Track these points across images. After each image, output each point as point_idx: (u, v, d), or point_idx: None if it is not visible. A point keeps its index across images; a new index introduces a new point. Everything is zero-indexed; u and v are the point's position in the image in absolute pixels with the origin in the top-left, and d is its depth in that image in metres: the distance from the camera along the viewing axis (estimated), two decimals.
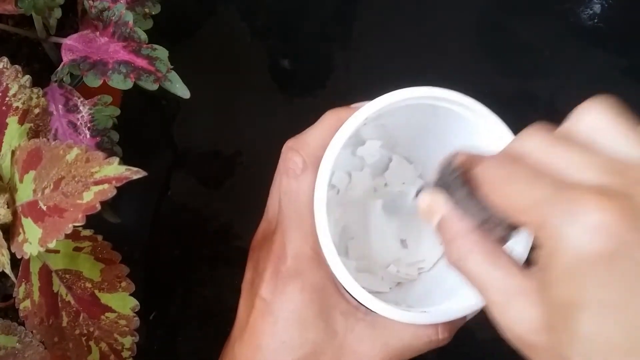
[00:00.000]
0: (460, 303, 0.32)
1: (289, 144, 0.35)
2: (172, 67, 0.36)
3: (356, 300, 0.32)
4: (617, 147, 0.23)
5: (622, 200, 0.21)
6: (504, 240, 0.25)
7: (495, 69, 0.54)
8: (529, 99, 0.53)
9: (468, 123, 0.34)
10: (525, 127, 0.25)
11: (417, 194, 0.28)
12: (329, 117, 0.34)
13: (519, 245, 0.31)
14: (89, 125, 0.38)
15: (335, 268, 0.32)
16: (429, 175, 0.41)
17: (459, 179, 0.25)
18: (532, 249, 0.23)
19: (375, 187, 0.41)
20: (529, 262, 0.23)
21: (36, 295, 0.34)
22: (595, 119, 0.24)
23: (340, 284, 0.32)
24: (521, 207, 0.23)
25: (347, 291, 0.32)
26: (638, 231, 0.20)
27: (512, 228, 0.25)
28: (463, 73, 0.52)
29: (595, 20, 0.54)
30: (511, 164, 0.24)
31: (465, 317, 0.33)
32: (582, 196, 0.21)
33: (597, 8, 0.54)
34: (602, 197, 0.21)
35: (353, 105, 0.35)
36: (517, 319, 0.23)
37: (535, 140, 0.24)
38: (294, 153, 0.34)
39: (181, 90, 0.36)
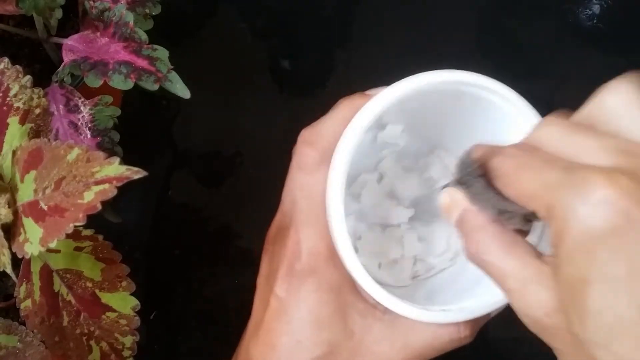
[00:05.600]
0: (483, 300, 0.31)
1: (304, 135, 0.33)
2: (172, 67, 0.36)
3: (374, 299, 0.31)
4: (636, 130, 0.23)
5: (630, 178, 0.21)
6: (523, 231, 0.25)
7: (495, 69, 0.53)
8: (529, 99, 0.52)
9: (495, 107, 0.32)
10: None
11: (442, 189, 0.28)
12: (343, 106, 0.32)
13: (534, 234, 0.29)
14: (89, 125, 0.38)
15: (351, 267, 0.30)
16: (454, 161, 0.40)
17: (475, 172, 0.26)
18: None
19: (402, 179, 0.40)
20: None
21: (37, 294, 0.34)
22: (615, 101, 0.24)
23: (357, 282, 0.31)
24: (532, 193, 0.23)
25: (365, 290, 0.31)
26: None
27: (528, 218, 0.25)
28: None
29: (595, 21, 0.54)
30: (524, 154, 0.24)
31: (489, 314, 0.32)
32: (590, 175, 0.21)
33: (596, 9, 0.54)
34: (610, 174, 0.21)
35: (368, 92, 0.33)
36: (533, 304, 0.24)
37: (551, 129, 0.24)
38: (307, 146, 0.32)
39: (181, 90, 0.36)
